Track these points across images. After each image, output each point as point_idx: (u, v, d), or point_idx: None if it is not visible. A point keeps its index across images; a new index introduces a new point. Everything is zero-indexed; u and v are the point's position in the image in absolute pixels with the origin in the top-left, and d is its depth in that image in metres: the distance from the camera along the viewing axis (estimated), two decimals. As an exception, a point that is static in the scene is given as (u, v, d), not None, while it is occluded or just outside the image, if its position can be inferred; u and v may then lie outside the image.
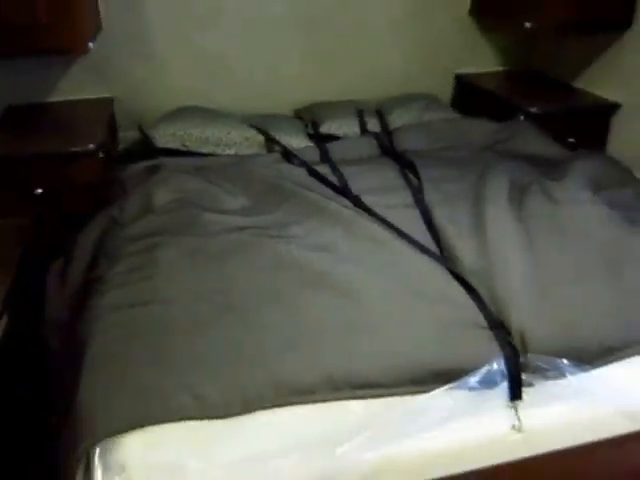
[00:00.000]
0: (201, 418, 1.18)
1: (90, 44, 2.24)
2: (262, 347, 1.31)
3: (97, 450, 1.13)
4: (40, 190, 2.21)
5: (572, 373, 1.43)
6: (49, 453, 1.36)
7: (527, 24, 2.89)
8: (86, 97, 2.79)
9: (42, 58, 2.54)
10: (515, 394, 1.39)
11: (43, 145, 2.28)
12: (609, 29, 3.04)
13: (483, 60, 3.47)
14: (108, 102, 2.77)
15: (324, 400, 1.25)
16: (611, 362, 1.45)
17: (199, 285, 1.50)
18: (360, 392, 1.27)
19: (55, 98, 2.76)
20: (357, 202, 1.97)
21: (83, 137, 2.33)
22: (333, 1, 3.05)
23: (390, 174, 2.27)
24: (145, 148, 2.48)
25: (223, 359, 1.28)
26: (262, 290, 1.48)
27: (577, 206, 1.93)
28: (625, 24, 2.96)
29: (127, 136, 2.69)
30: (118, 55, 2.72)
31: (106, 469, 1.11)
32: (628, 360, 1.47)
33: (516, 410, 1.39)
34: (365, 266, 1.60)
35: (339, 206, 1.93)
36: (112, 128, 2.71)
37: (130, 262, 1.60)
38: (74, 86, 2.77)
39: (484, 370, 1.35)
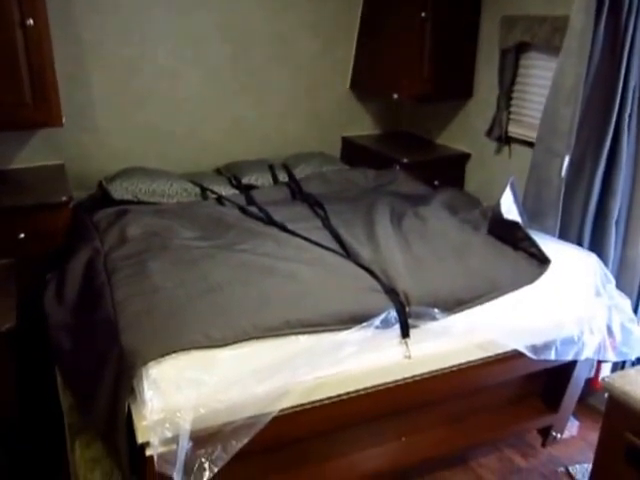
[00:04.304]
0: (208, 348, 1.74)
1: (64, 118, 2.76)
2: (241, 306, 1.88)
3: (142, 372, 1.65)
4: (23, 235, 2.66)
5: (440, 318, 2.03)
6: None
7: (395, 95, 3.61)
8: (41, 164, 3.21)
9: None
10: (405, 333, 2.00)
11: (23, 199, 2.73)
12: (457, 98, 3.80)
13: (363, 124, 4.19)
14: (60, 167, 3.21)
15: (285, 335, 1.84)
16: (463, 310, 2.09)
17: (186, 278, 2.04)
18: (306, 329, 1.87)
19: (16, 165, 3.19)
20: (283, 228, 2.55)
21: (54, 192, 2.80)
22: (241, 81, 3.66)
23: (302, 210, 2.87)
24: (103, 200, 2.98)
25: (218, 314, 1.84)
26: (231, 277, 2.05)
27: (437, 221, 2.60)
28: (468, 94, 3.74)
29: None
30: (67, 128, 3.01)
31: (150, 384, 1.63)
32: (475, 309, 2.11)
33: (406, 344, 2.00)
34: (297, 262, 2.19)
35: (271, 230, 2.54)
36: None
37: (126, 272, 2.11)
38: (31, 155, 3.20)
39: (383, 316, 1.95)
